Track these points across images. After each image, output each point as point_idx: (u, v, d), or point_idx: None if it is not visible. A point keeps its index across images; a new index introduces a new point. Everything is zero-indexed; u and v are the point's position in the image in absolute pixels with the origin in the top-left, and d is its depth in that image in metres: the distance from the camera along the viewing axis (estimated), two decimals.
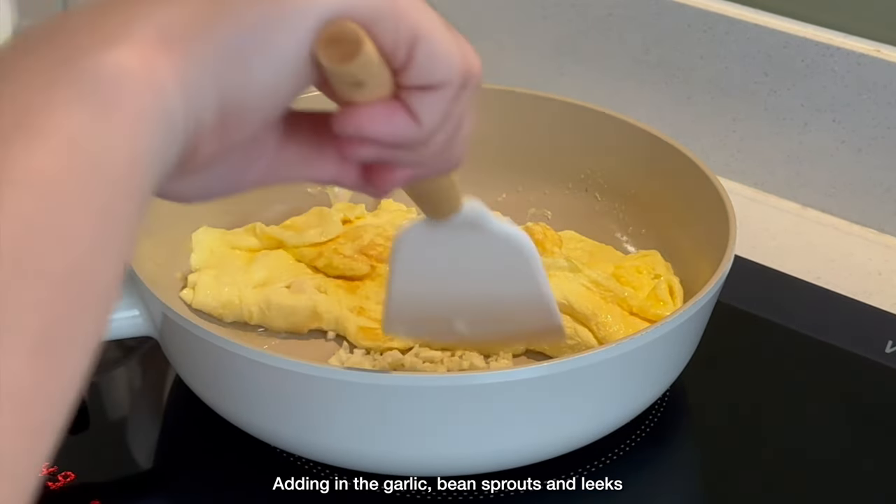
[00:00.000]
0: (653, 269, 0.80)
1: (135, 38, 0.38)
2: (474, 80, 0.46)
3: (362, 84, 0.43)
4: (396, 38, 0.42)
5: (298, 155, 0.47)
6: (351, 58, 0.41)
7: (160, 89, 0.38)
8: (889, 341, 0.80)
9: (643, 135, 0.84)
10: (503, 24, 1.07)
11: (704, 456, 0.74)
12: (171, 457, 0.73)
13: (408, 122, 0.44)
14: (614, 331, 0.75)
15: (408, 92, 0.44)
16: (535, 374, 0.63)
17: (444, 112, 0.45)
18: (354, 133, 0.44)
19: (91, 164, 0.35)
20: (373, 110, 0.43)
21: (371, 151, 0.45)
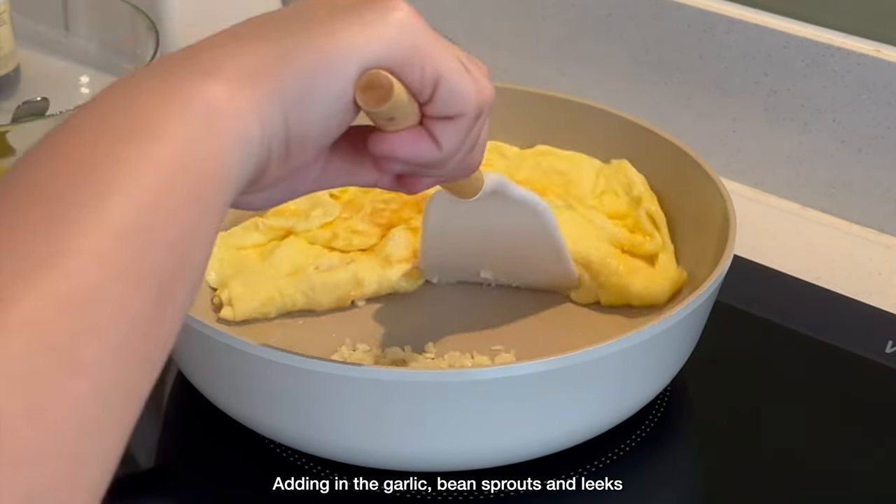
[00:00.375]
0: (629, 187, 0.83)
1: (224, 76, 0.45)
2: (487, 108, 0.55)
3: (394, 119, 0.52)
4: (422, 79, 0.51)
5: (343, 165, 0.56)
6: (384, 101, 0.50)
7: (243, 118, 0.45)
8: (889, 341, 0.80)
9: (643, 133, 0.84)
10: (503, 24, 1.07)
11: (704, 456, 0.74)
12: (171, 457, 0.73)
13: (431, 147, 0.53)
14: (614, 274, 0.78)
15: (431, 121, 0.53)
16: (536, 369, 0.64)
17: (461, 139, 0.54)
18: (387, 155, 0.54)
19: (196, 163, 0.42)
20: (402, 137, 0.53)
21: (400, 167, 0.55)
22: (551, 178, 0.85)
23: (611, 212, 0.82)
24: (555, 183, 0.85)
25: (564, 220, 0.79)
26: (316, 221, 0.82)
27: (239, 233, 0.82)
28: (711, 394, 0.77)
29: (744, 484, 0.70)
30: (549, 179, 0.85)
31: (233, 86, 0.45)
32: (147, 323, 0.39)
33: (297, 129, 0.49)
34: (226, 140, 0.44)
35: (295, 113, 0.48)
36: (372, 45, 0.49)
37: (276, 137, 0.48)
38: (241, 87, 0.46)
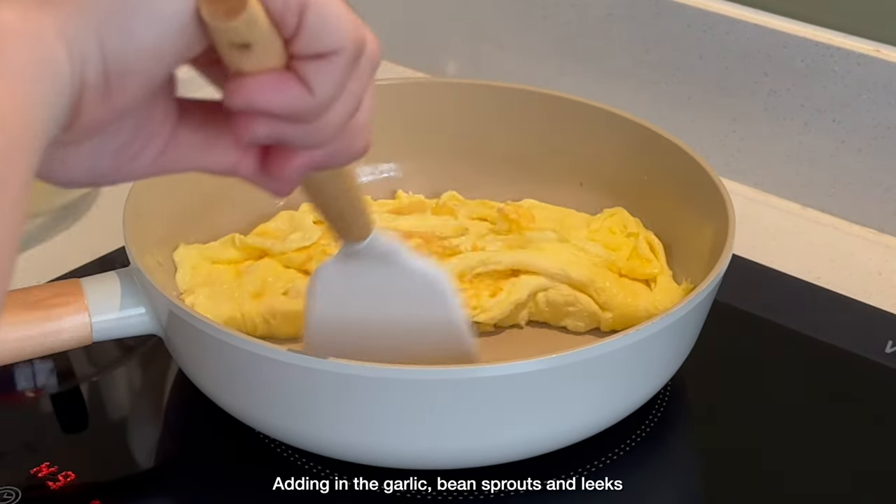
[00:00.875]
0: (624, 227, 0.83)
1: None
2: (370, 52, 0.45)
3: (249, 47, 0.42)
4: (286, 2, 0.42)
5: (193, 142, 0.46)
6: (236, 13, 0.41)
7: (41, 41, 0.38)
8: (889, 341, 0.80)
9: (644, 132, 0.84)
10: (503, 24, 1.07)
11: (704, 456, 0.74)
12: (171, 457, 0.73)
13: (300, 92, 0.43)
14: (612, 294, 0.78)
15: (300, 61, 0.43)
16: (536, 367, 0.64)
17: (337, 82, 0.44)
18: (245, 105, 0.43)
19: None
20: (263, 79, 0.43)
21: (264, 128, 0.44)
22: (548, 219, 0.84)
23: (606, 244, 0.82)
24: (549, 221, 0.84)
25: (557, 251, 0.79)
26: (293, 244, 0.80)
27: (217, 247, 0.81)
28: (711, 394, 0.77)
29: (743, 484, 0.70)
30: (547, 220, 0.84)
31: (28, 7, 0.38)
32: None
33: (118, 53, 0.40)
34: (23, 72, 0.37)
35: (116, 32, 0.40)
36: None
37: (91, 66, 0.40)
38: (39, 8, 0.38)
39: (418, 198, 0.88)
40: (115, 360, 0.79)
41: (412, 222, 0.83)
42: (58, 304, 0.69)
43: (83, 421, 0.77)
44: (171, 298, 0.68)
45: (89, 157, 0.44)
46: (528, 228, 0.81)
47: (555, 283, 0.78)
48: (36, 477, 0.69)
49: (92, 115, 0.41)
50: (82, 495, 0.68)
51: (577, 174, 0.88)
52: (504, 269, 0.79)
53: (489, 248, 0.80)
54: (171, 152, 0.46)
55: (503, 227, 0.82)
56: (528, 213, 0.83)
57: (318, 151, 0.47)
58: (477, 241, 0.81)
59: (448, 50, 1.11)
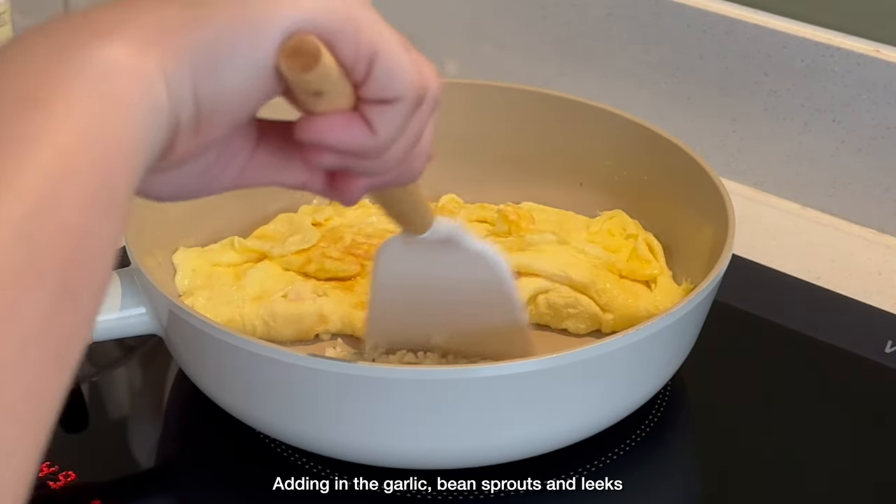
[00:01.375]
0: (623, 228, 0.83)
1: (127, 36, 0.41)
2: (431, 97, 0.50)
3: (321, 94, 0.46)
4: (357, 53, 0.46)
5: (270, 161, 0.50)
6: (310, 68, 0.44)
7: (149, 81, 0.41)
8: (889, 341, 0.80)
9: (644, 132, 0.84)
10: (503, 24, 1.07)
11: (704, 456, 0.75)
12: (171, 457, 0.73)
13: (364, 133, 0.47)
14: (613, 295, 0.78)
15: (366, 105, 0.47)
16: (536, 367, 0.64)
17: (399, 125, 0.48)
18: (314, 140, 0.47)
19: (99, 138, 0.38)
20: (331, 119, 0.47)
21: (331, 159, 0.48)
22: (547, 221, 0.84)
23: (606, 246, 0.82)
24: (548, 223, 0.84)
25: (557, 253, 0.79)
26: (292, 247, 0.80)
27: (216, 249, 0.81)
28: (711, 394, 0.77)
29: (744, 484, 0.70)
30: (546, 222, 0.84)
31: (136, 47, 0.41)
32: (51, 319, 0.36)
33: (208, 97, 0.44)
34: (131, 108, 0.40)
35: (206, 79, 0.43)
36: (301, 7, 0.44)
37: (185, 106, 0.43)
38: (146, 49, 0.41)
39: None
40: (115, 360, 0.79)
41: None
42: None
43: (83, 421, 0.77)
44: (172, 298, 0.68)
45: (177, 179, 0.48)
46: (527, 230, 0.81)
47: (555, 285, 0.78)
48: (36, 477, 0.69)
49: (184, 148, 0.45)
50: (83, 495, 0.68)
51: (577, 174, 0.88)
52: None
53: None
54: (251, 170, 0.50)
55: (503, 229, 0.82)
56: (527, 215, 0.83)
57: (379, 177, 0.51)
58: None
59: (448, 50, 1.11)
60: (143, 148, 0.41)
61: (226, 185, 0.50)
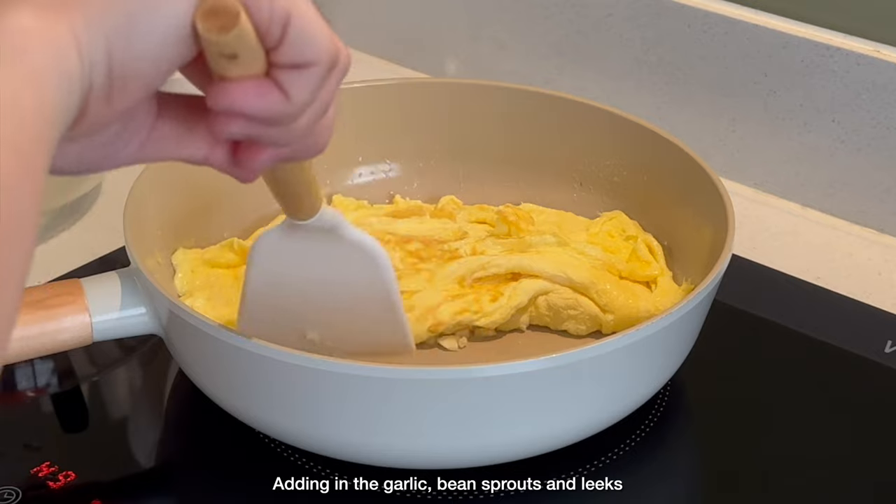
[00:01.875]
0: (623, 230, 0.82)
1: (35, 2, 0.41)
2: (342, 64, 0.49)
3: (236, 57, 0.46)
4: (271, 16, 0.46)
5: (171, 134, 0.50)
6: (228, 29, 0.44)
7: (58, 47, 0.41)
8: (889, 341, 0.80)
9: (644, 132, 0.84)
10: (503, 24, 1.07)
11: (704, 456, 0.75)
12: (171, 457, 0.73)
13: (278, 98, 0.47)
14: (614, 296, 0.77)
15: (279, 70, 0.47)
16: (536, 367, 0.64)
17: (312, 90, 0.48)
18: (228, 107, 0.47)
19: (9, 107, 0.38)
20: (246, 85, 0.47)
21: (241, 127, 0.48)
22: (546, 222, 0.84)
23: (606, 247, 0.81)
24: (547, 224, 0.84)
25: (557, 254, 0.79)
26: None
27: (215, 251, 0.80)
28: (711, 394, 0.77)
29: (743, 484, 0.70)
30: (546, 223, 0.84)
31: (46, 13, 0.41)
32: None
33: (122, 61, 0.43)
34: (43, 74, 0.40)
35: (121, 42, 0.43)
36: None
37: (98, 70, 0.43)
38: (56, 14, 0.41)
39: (416, 203, 0.88)
40: (115, 360, 0.79)
41: (411, 225, 0.83)
42: (58, 304, 0.69)
43: (84, 421, 0.77)
44: (172, 298, 0.68)
45: (80, 151, 0.47)
46: (526, 231, 0.81)
47: (555, 286, 0.78)
48: (36, 477, 0.69)
49: (95, 115, 0.44)
50: (83, 495, 0.68)
51: (576, 174, 0.88)
52: (505, 272, 0.78)
53: (489, 251, 0.80)
54: (151, 143, 0.49)
55: (502, 231, 0.82)
56: (527, 216, 0.83)
57: (284, 148, 0.51)
58: (476, 244, 0.80)
59: (448, 50, 1.11)
60: (56, 114, 0.41)
61: (127, 158, 0.49)
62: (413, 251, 0.80)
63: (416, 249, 0.80)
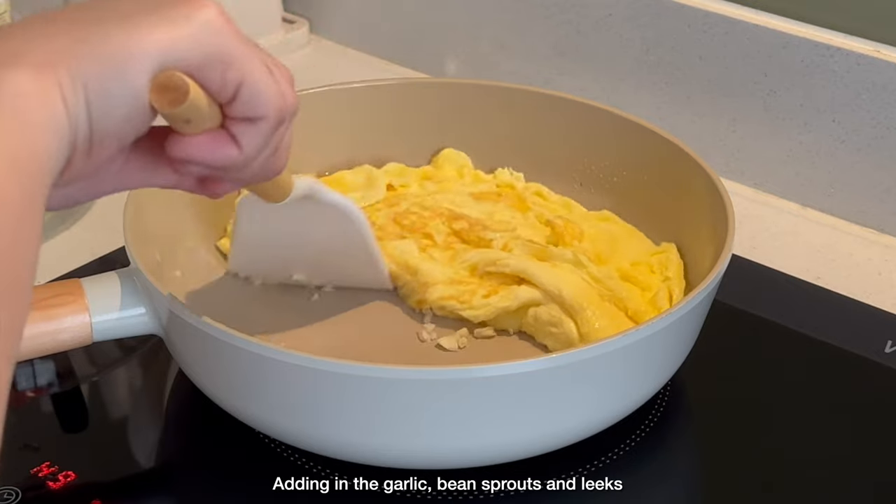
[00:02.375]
0: (666, 269, 0.80)
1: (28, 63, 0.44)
2: (290, 114, 0.54)
3: (190, 122, 0.51)
4: (223, 82, 0.50)
5: (142, 165, 0.54)
6: (178, 103, 0.48)
7: (52, 102, 0.45)
8: (889, 341, 0.80)
9: (644, 132, 0.84)
10: (503, 24, 1.07)
11: (704, 456, 0.75)
12: (171, 457, 0.73)
13: (230, 149, 0.52)
14: (596, 329, 0.74)
15: (232, 122, 0.52)
16: (535, 367, 0.64)
17: (262, 142, 0.53)
18: (185, 158, 0.52)
19: (10, 160, 0.42)
20: (200, 140, 0.52)
21: (200, 170, 0.54)
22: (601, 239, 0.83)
23: (639, 281, 0.79)
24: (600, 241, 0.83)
25: (564, 271, 0.77)
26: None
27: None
28: (711, 394, 0.77)
29: (743, 484, 0.70)
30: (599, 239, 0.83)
31: (38, 74, 0.44)
32: None
33: (99, 121, 0.47)
34: (40, 128, 0.44)
35: (97, 103, 0.47)
36: (173, 44, 0.48)
37: (81, 128, 0.47)
38: (46, 76, 0.45)
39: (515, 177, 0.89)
40: (115, 360, 0.79)
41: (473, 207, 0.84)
42: (58, 304, 0.69)
43: (83, 421, 0.77)
44: (172, 298, 0.68)
45: (66, 191, 0.51)
46: (570, 245, 0.80)
47: (548, 300, 0.76)
48: (36, 477, 0.69)
49: (78, 168, 0.48)
50: (83, 495, 0.68)
51: (576, 174, 0.88)
52: (511, 272, 0.78)
53: (516, 251, 0.80)
54: (126, 174, 0.53)
55: (552, 238, 0.82)
56: (574, 230, 0.81)
57: (242, 180, 0.57)
58: (510, 241, 0.80)
59: (448, 50, 1.11)
60: (51, 164, 0.45)
61: (105, 191, 0.53)
62: (457, 230, 0.82)
63: (460, 228, 0.82)
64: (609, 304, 0.77)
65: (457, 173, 0.89)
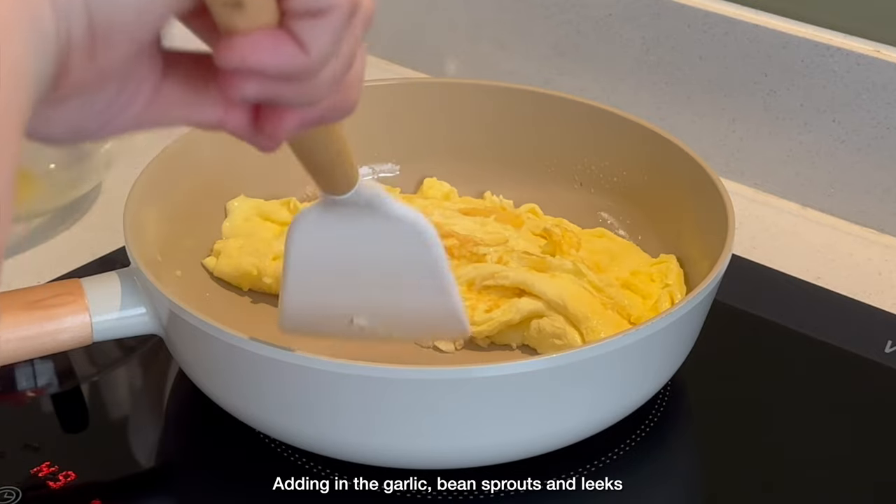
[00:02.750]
0: (666, 277, 0.79)
1: None
2: (364, 10, 0.44)
3: (240, 6, 0.41)
4: None
5: (179, 95, 0.44)
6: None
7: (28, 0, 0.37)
8: (889, 341, 0.80)
9: (644, 132, 0.84)
10: (503, 24, 1.07)
11: (704, 456, 0.75)
12: (171, 457, 0.74)
13: (295, 51, 0.42)
14: (601, 338, 0.73)
15: (294, 19, 0.42)
16: (536, 367, 0.64)
17: (332, 41, 0.43)
18: (238, 65, 0.42)
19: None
20: (257, 38, 0.41)
21: (256, 87, 0.43)
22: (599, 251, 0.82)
23: (639, 290, 0.79)
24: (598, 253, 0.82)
25: (566, 281, 0.77)
26: None
27: (274, 205, 0.85)
28: (711, 394, 0.77)
29: (743, 484, 0.70)
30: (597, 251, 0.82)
31: None
32: None
33: (102, 11, 0.39)
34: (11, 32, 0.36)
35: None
36: None
37: (76, 20, 0.39)
38: None
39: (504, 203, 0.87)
40: (115, 360, 0.79)
41: (454, 221, 0.83)
42: (58, 304, 0.69)
43: (84, 421, 0.77)
44: (172, 298, 0.68)
45: (73, 115, 0.43)
46: (567, 254, 0.80)
47: (551, 311, 0.76)
48: (37, 477, 0.69)
49: (79, 74, 0.40)
50: (83, 495, 0.68)
51: (576, 174, 0.88)
52: (510, 285, 0.77)
53: (512, 263, 0.78)
54: (156, 107, 0.44)
55: (548, 248, 0.81)
56: (572, 239, 0.81)
57: (310, 109, 0.45)
58: (504, 254, 0.79)
59: (448, 50, 1.11)
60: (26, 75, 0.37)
61: (127, 123, 0.44)
62: (448, 247, 0.78)
63: (450, 245, 0.79)
64: (612, 312, 0.76)
65: (443, 197, 0.88)
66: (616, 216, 0.87)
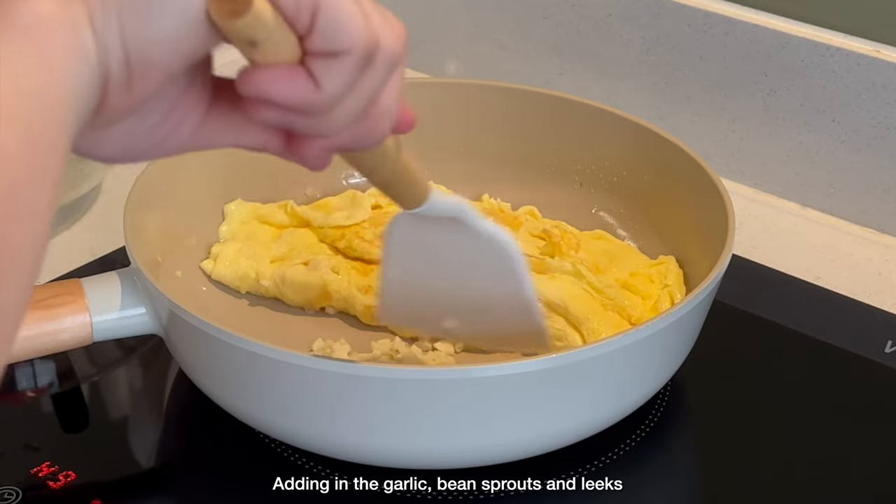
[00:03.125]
0: (665, 277, 0.80)
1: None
2: (386, 54, 0.47)
3: (256, 44, 0.44)
4: (297, 3, 0.44)
5: (226, 121, 0.48)
6: (239, 14, 0.42)
7: (74, 32, 0.41)
8: (889, 341, 0.80)
9: (643, 132, 0.84)
10: (503, 24, 1.07)
11: (704, 456, 0.75)
12: (171, 457, 0.74)
13: (309, 87, 0.45)
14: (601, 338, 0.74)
15: (312, 58, 0.45)
16: (535, 367, 0.64)
17: (346, 81, 0.46)
18: (254, 93, 0.45)
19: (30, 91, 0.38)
20: (273, 71, 0.45)
21: (272, 114, 0.46)
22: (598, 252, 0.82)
23: (638, 290, 0.79)
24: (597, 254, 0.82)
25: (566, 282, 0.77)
26: (334, 221, 0.82)
27: (271, 208, 0.84)
28: (711, 394, 0.77)
29: (743, 484, 0.70)
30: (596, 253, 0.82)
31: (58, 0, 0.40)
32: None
33: (137, 45, 0.42)
34: (57, 59, 0.40)
35: (133, 25, 0.42)
36: None
37: (114, 55, 0.42)
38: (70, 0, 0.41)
39: (502, 206, 0.87)
40: (115, 360, 0.79)
41: None
42: (58, 304, 0.69)
43: (84, 421, 0.77)
44: (172, 298, 0.68)
45: (123, 138, 0.46)
46: (566, 255, 0.80)
47: (552, 313, 0.75)
48: (37, 476, 0.69)
49: (118, 101, 0.43)
50: (83, 495, 0.68)
51: (576, 174, 0.88)
52: None
53: None
54: (206, 130, 0.48)
55: (547, 249, 0.81)
56: (571, 240, 0.81)
57: (336, 137, 0.48)
58: None
59: (448, 50, 1.11)
60: (72, 99, 0.40)
61: (180, 145, 0.48)
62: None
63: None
64: (612, 313, 0.77)
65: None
66: (616, 216, 0.87)
